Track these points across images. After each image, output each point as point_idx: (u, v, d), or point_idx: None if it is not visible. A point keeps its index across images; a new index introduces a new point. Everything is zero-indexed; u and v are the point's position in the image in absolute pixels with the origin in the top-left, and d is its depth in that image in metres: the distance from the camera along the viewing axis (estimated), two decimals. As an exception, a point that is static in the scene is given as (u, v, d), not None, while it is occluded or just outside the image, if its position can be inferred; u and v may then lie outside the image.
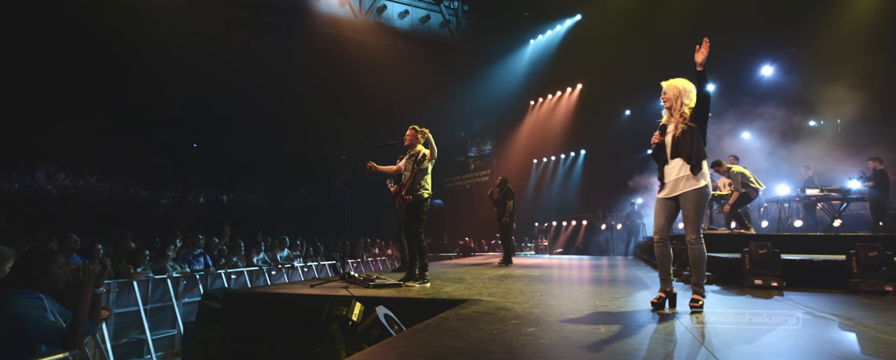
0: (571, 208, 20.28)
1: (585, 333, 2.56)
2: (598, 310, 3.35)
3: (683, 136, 3.35)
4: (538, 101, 22.29)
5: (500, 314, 3.08)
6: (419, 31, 21.01)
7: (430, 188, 5.15)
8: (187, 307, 7.08)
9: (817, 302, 3.79)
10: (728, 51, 14.62)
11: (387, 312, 3.24)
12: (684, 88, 3.43)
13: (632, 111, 18.97)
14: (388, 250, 13.25)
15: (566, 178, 20.84)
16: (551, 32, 21.39)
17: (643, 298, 3.95)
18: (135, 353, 6.34)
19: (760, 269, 4.53)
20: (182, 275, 7.16)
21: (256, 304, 4.33)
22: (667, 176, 3.47)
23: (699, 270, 3.37)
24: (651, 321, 2.92)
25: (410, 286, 4.70)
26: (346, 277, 4.97)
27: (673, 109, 3.46)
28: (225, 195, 17.54)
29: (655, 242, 3.52)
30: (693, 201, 3.31)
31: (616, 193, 18.37)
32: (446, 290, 4.39)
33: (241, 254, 8.60)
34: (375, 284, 4.61)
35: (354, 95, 17.93)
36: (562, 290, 4.56)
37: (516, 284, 5.05)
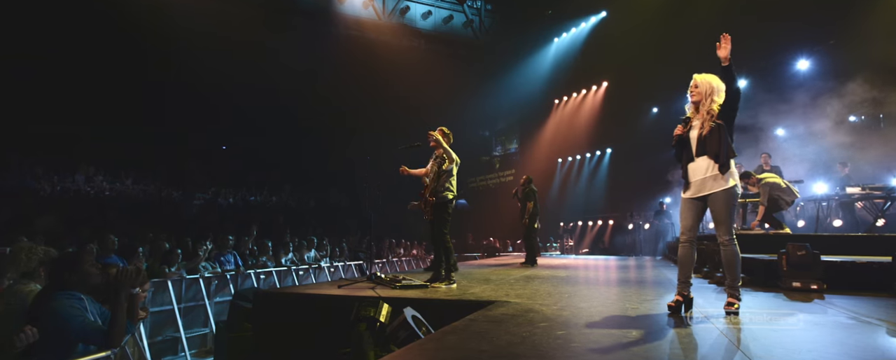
0: (597, 207, 19.98)
1: (617, 337, 2.51)
2: (627, 313, 3.29)
3: (711, 134, 3.24)
4: (563, 99, 22.04)
5: (529, 317, 3.05)
6: (442, 31, 21.06)
7: (456, 189, 5.14)
8: (219, 307, 7.25)
9: (862, 306, 3.63)
10: (761, 44, 14.19)
11: (414, 314, 3.25)
12: (718, 85, 3.34)
13: (659, 109, 18.58)
14: (412, 251, 13.31)
15: (592, 177, 20.56)
16: (575, 30, 21.14)
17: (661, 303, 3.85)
18: (170, 351, 6.53)
19: (799, 271, 4.36)
20: (214, 275, 7.34)
21: (285, 304, 4.40)
22: (692, 175, 3.36)
23: (734, 272, 3.26)
24: (683, 325, 2.85)
25: (437, 287, 4.70)
26: (373, 278, 5.01)
27: (701, 105, 3.36)
28: (253, 196, 17.91)
29: (681, 242, 3.42)
30: (723, 202, 3.21)
31: (643, 192, 18.00)
32: (473, 291, 4.38)
33: (270, 254, 8.76)
34: (402, 285, 4.63)
35: (379, 96, 18.09)
36: (589, 292, 4.49)
37: (543, 285, 5.00)
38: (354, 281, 5.04)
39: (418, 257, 13.10)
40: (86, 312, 2.68)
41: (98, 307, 2.81)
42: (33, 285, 3.07)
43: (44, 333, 2.59)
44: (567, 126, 21.40)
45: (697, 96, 3.37)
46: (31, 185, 12.23)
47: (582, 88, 21.03)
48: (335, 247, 10.40)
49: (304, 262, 9.04)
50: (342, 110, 18.00)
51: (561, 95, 22.02)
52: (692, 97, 3.42)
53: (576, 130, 20.90)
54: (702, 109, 3.34)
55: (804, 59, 13.79)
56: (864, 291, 4.33)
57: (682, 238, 3.42)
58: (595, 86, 20.59)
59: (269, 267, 8.27)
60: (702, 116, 3.33)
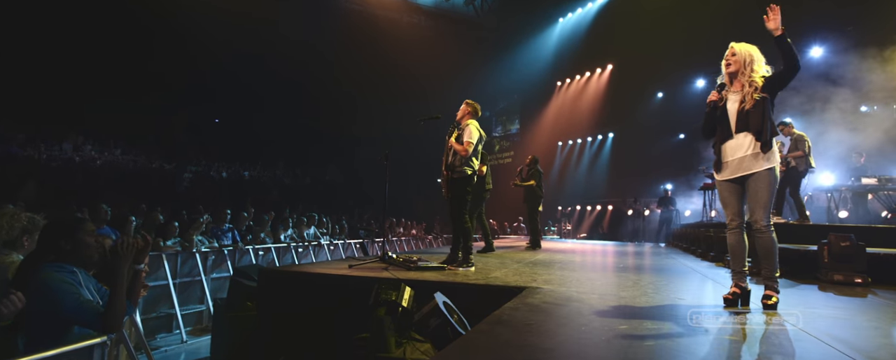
0: (597, 192, 19.81)
1: (685, 332, 2.22)
2: (678, 304, 3.01)
3: (755, 108, 2.90)
4: (566, 82, 21.64)
5: (573, 306, 2.76)
6: (443, 8, 20.51)
7: (477, 166, 4.82)
8: (216, 283, 6.94)
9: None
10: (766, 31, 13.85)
11: (445, 299, 2.95)
12: (758, 55, 3.01)
13: (664, 94, 18.29)
14: (412, 231, 13.03)
15: (593, 161, 20.32)
16: (581, 11, 20.63)
17: (714, 292, 3.59)
18: (164, 327, 6.23)
19: (842, 263, 4.12)
20: (210, 250, 7.00)
21: (293, 283, 4.09)
22: (727, 154, 3.02)
23: (771, 262, 2.95)
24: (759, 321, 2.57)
25: (454, 270, 4.41)
26: (385, 258, 4.70)
27: (741, 75, 3.00)
28: (246, 171, 17.47)
29: (730, 229, 3.10)
30: (766, 183, 2.89)
31: (645, 178, 17.83)
32: (495, 275, 4.09)
33: (268, 230, 8.42)
34: (418, 266, 4.33)
35: (379, 73, 17.59)
36: (619, 279, 4.22)
37: (565, 271, 4.73)
38: (366, 261, 4.73)
39: (418, 237, 12.83)
40: (80, 287, 2.32)
41: (94, 282, 2.46)
42: (15, 255, 2.71)
43: (30, 309, 2.24)
44: (569, 109, 21.05)
45: (736, 66, 3.01)
46: (16, 152, 11.70)
47: (586, 71, 20.63)
48: (335, 224, 10.08)
49: (303, 239, 8.72)
50: (341, 86, 17.47)
51: (564, 78, 21.61)
52: (729, 68, 3.04)
53: (578, 113, 20.57)
54: (743, 80, 2.99)
55: (818, 46, 13.46)
56: (886, 284, 4.10)
57: (730, 225, 3.10)
58: (599, 69, 20.20)
59: (268, 243, 7.94)
60: (742, 87, 2.98)
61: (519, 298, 2.99)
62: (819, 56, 13.40)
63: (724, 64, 3.07)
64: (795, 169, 6.98)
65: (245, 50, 14.95)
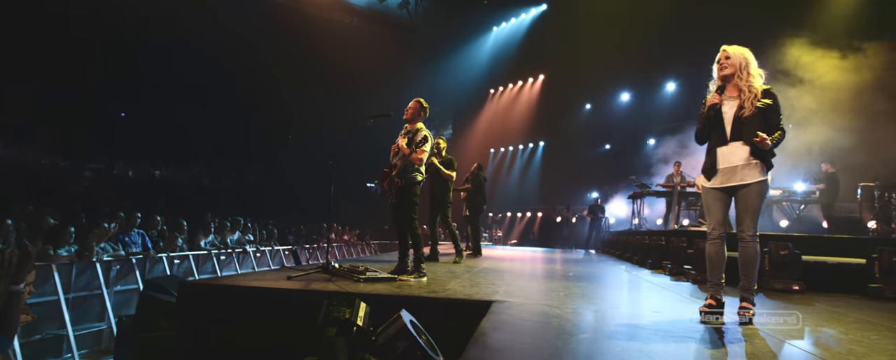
0: (528, 199, 20.22)
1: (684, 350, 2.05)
2: (658, 318, 2.86)
3: (754, 117, 2.82)
4: (499, 90, 21.98)
5: (555, 323, 2.53)
6: (377, 9, 20.04)
7: (425, 171, 4.52)
8: (120, 297, 6.03)
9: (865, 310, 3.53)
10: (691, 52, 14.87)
11: (412, 318, 2.60)
12: (752, 58, 2.93)
13: (592, 106, 19.06)
14: (344, 236, 12.40)
15: (524, 169, 20.73)
16: (515, 21, 21.07)
17: (681, 303, 3.53)
18: (51, 351, 5.27)
19: (781, 271, 4.28)
20: (115, 258, 6.08)
21: (221, 299, 3.52)
22: (721, 161, 2.92)
23: (752, 272, 2.89)
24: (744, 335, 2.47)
25: (405, 281, 4.06)
26: (328, 268, 4.23)
27: (737, 79, 2.89)
28: (158, 170, 15.86)
29: (711, 239, 3.00)
30: (758, 194, 2.84)
31: (574, 186, 18.44)
32: (451, 287, 3.79)
33: (184, 236, 7.54)
34: (367, 277, 3.92)
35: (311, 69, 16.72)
36: (579, 290, 4.08)
37: (520, 281, 4.53)
38: (305, 271, 4.23)
39: (350, 243, 12.23)
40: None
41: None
42: None
43: None
44: (502, 117, 21.38)
45: (730, 69, 2.91)
46: None
47: (519, 80, 21.08)
48: (262, 230, 9.28)
49: (227, 245, 7.89)
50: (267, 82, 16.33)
51: (497, 86, 21.95)
52: (723, 70, 2.93)
53: (510, 121, 20.94)
54: (742, 86, 2.88)
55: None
56: (839, 292, 4.33)
57: (711, 235, 3.00)
58: (532, 78, 20.70)
59: (185, 251, 7.08)
60: (740, 93, 2.89)
61: (491, 314, 2.71)
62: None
63: (718, 67, 2.96)
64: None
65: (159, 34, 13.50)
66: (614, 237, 10.76)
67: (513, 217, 20.87)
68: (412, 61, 20.72)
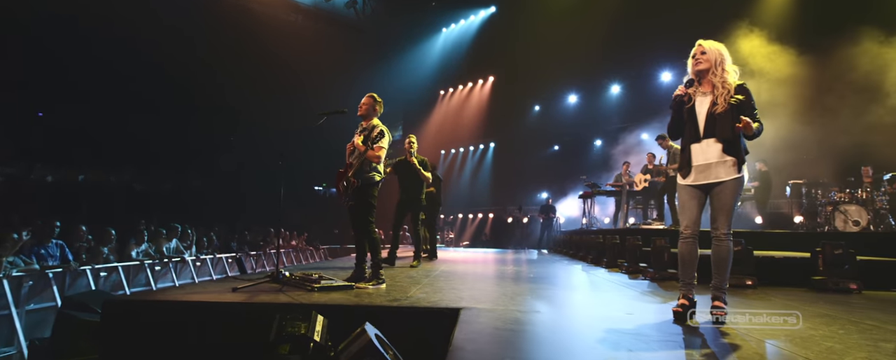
0: (480, 200, 20.26)
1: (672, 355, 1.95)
2: (635, 322, 2.73)
3: (727, 113, 2.78)
4: (449, 91, 21.93)
5: (531, 331, 2.38)
6: (323, 8, 19.50)
7: (382, 170, 4.28)
8: (33, 317, 5.35)
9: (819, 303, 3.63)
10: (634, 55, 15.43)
11: (377, 332, 2.36)
12: (727, 54, 2.89)
13: (541, 107, 19.36)
14: (291, 242, 11.83)
15: (475, 170, 20.76)
16: (465, 22, 21.11)
17: (649, 303, 3.47)
18: (-51, 382, 4.58)
19: (734, 266, 4.34)
20: (27, 272, 5.39)
21: (155, 316, 3.13)
22: (696, 158, 2.87)
23: (725, 271, 2.86)
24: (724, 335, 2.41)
25: (364, 289, 3.80)
26: (278, 277, 3.90)
27: (712, 74, 2.85)
28: (82, 175, 14.55)
29: (684, 237, 2.94)
30: (732, 192, 2.80)
31: (525, 186, 18.67)
32: (413, 294, 3.57)
33: (112, 246, 6.85)
34: (321, 286, 3.63)
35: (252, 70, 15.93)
36: (546, 292, 3.97)
37: (483, 284, 4.39)
38: (253, 281, 3.87)
39: (299, 249, 11.68)
40: None
41: None
42: None
43: None
44: (453, 118, 21.33)
45: (706, 64, 2.85)
46: None
47: (469, 81, 21.10)
48: (202, 237, 8.63)
49: (163, 254, 7.25)
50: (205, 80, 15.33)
51: (447, 87, 21.90)
52: (698, 65, 2.88)
53: (461, 122, 20.92)
54: (716, 82, 2.84)
55: (668, 71, 15.22)
56: (785, 285, 4.48)
57: (684, 233, 2.94)
58: (482, 80, 20.78)
59: (113, 262, 6.42)
60: (713, 88, 2.85)
61: (463, 324, 2.52)
62: (668, 80, 15.17)
63: (692, 62, 2.91)
64: (674, 179, 7.55)
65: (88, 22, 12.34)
66: (567, 237, 10.88)
67: (465, 219, 20.85)
68: (361, 61, 20.30)
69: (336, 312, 2.91)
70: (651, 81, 15.64)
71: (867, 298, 3.93)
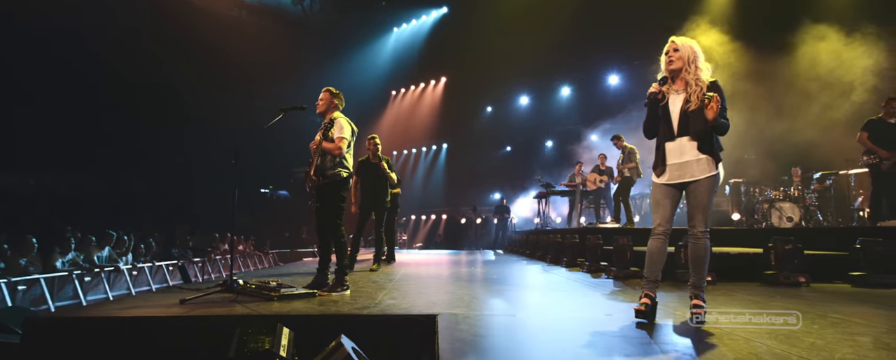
0: (432, 201, 20.15)
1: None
2: (618, 324, 2.67)
3: (701, 110, 2.74)
4: (401, 91, 21.70)
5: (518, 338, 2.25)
6: (268, 4, 18.75)
7: (351, 167, 4.06)
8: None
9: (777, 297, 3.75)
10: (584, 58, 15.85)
11: (354, 345, 2.16)
12: (700, 52, 2.87)
13: (494, 108, 19.53)
14: (239, 246, 11.20)
15: (428, 171, 20.65)
16: (416, 22, 20.95)
17: (625, 304, 3.42)
18: None
19: (695, 262, 4.47)
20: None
21: (87, 336, 2.77)
22: (670, 156, 2.85)
23: (702, 269, 2.82)
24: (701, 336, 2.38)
25: (327, 296, 3.57)
26: (232, 286, 3.58)
27: (685, 72, 2.83)
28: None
29: (656, 234, 2.89)
30: (708, 190, 2.78)
31: (478, 187, 18.75)
32: (382, 300, 3.38)
33: (33, 256, 6.16)
34: (282, 295, 3.36)
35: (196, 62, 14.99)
36: (517, 294, 3.89)
37: (451, 287, 4.24)
38: (202, 292, 3.52)
39: (246, 254, 11.08)
40: None
41: None
42: None
43: None
44: (405, 119, 21.11)
45: (679, 62, 2.81)
46: None
47: (421, 82, 20.96)
48: (139, 243, 7.96)
49: (94, 263, 6.60)
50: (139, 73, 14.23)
51: (399, 87, 21.66)
52: (671, 64, 2.85)
53: (414, 123, 20.74)
54: (686, 77, 2.83)
55: (615, 74, 15.74)
56: (739, 280, 4.62)
57: (656, 230, 2.89)
58: (434, 80, 20.70)
59: (34, 274, 5.76)
60: (687, 86, 2.83)
61: (444, 332, 2.36)
62: (616, 83, 15.69)
63: (665, 60, 2.87)
64: (629, 178, 7.76)
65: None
66: (524, 237, 10.94)
67: (417, 220, 20.67)
68: (309, 60, 19.66)
69: (301, 323, 2.67)
70: (599, 84, 16.11)
71: (816, 290, 4.11)
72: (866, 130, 6.22)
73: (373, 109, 21.58)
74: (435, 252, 12.36)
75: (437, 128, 20.22)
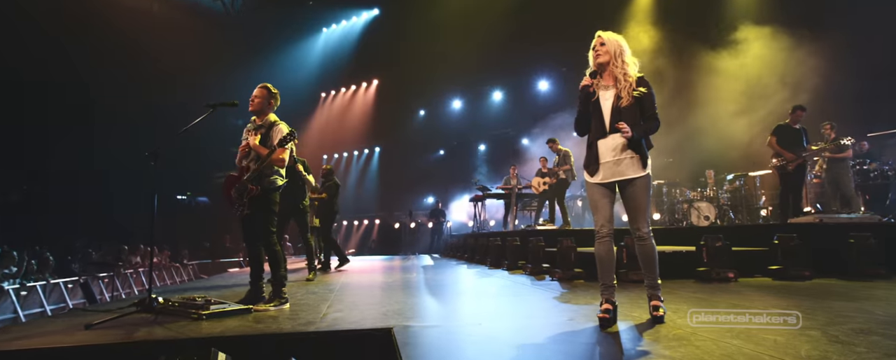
0: (365, 206, 19.68)
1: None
2: (584, 332, 2.61)
3: (632, 106, 2.68)
4: (331, 93, 21.05)
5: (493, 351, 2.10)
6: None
7: (284, 174, 3.74)
8: None
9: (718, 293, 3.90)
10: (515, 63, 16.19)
11: (307, 368, 1.90)
12: (626, 47, 2.82)
13: (426, 112, 19.46)
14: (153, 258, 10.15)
15: (361, 175, 20.17)
16: (347, 23, 20.42)
17: (580, 308, 3.38)
18: None
19: (635, 263, 4.57)
20: None
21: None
22: (603, 155, 2.76)
23: (654, 269, 2.81)
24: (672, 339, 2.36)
25: (264, 311, 3.23)
26: (151, 304, 3.13)
27: (613, 67, 2.76)
28: None
29: (599, 238, 2.80)
30: (643, 189, 2.74)
31: (411, 191, 18.55)
32: (327, 314, 3.10)
33: None
34: (212, 313, 2.98)
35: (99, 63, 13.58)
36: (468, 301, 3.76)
37: (399, 296, 4.01)
38: (116, 314, 3.04)
39: (162, 266, 10.09)
40: None
41: None
42: None
43: None
44: (336, 121, 20.50)
45: (605, 56, 2.76)
46: None
47: (353, 84, 20.46)
48: (31, 259, 6.93)
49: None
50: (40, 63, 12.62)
51: (329, 89, 21.01)
52: (599, 58, 2.79)
53: (345, 126, 20.19)
54: (614, 72, 2.75)
55: (544, 80, 16.22)
56: (674, 278, 4.79)
57: (600, 232, 2.80)
58: (365, 83, 20.29)
59: None
60: (616, 81, 2.75)
61: (406, 348, 2.16)
62: (545, 89, 16.17)
63: (593, 54, 2.81)
64: (564, 180, 7.94)
65: None
66: (461, 241, 10.90)
67: (350, 226, 20.10)
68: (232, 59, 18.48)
69: (238, 345, 2.36)
70: (530, 89, 16.52)
71: (745, 285, 4.35)
72: (775, 135, 6.81)
73: (301, 110, 20.72)
74: (368, 259, 11.98)
75: (370, 131, 19.82)
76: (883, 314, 2.64)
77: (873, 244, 4.71)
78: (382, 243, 17.80)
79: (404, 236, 16.36)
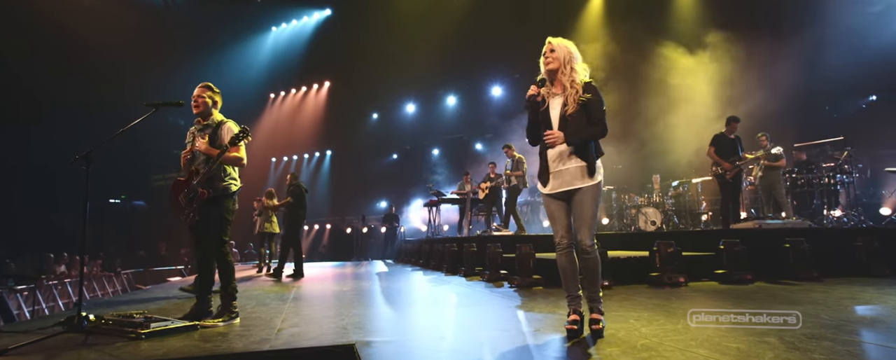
0: (315, 211, 19.11)
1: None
2: (551, 336, 2.60)
3: (578, 114, 2.65)
4: (281, 94, 20.38)
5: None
6: (123, -7, 16.48)
7: (238, 178, 3.53)
8: None
9: (673, 299, 4.00)
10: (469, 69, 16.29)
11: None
12: (576, 52, 2.80)
13: (380, 115, 19.21)
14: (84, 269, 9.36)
15: (311, 179, 19.60)
16: (297, 23, 19.87)
17: (545, 317, 3.35)
18: None
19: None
20: None
21: None
22: (553, 164, 2.73)
23: (597, 281, 2.77)
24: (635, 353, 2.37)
25: (213, 328, 3.01)
26: (80, 324, 2.83)
27: (561, 75, 2.72)
28: None
29: (560, 249, 2.78)
30: (591, 200, 2.69)
31: (363, 195, 18.21)
32: (282, 328, 2.92)
33: None
34: (152, 331, 2.73)
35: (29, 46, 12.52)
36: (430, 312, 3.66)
37: (358, 308, 3.84)
38: (39, 335, 2.72)
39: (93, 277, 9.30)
40: None
41: None
42: None
43: None
44: (286, 123, 19.85)
45: (555, 63, 2.73)
46: None
47: (303, 86, 19.91)
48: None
49: None
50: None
51: (279, 90, 20.34)
52: (548, 65, 2.75)
53: (295, 128, 19.59)
54: (565, 81, 2.72)
55: (498, 86, 16.40)
56: (627, 283, 4.90)
57: (559, 243, 2.77)
58: (317, 84, 19.79)
59: None
60: (564, 89, 2.72)
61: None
62: (498, 95, 16.34)
63: (543, 61, 2.78)
64: (516, 187, 8.01)
65: None
66: (416, 246, 10.76)
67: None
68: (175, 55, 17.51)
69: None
70: (483, 95, 16.64)
71: (695, 289, 4.49)
72: (713, 145, 7.19)
73: (249, 111, 19.93)
74: (319, 265, 11.61)
75: (321, 134, 19.33)
76: (828, 318, 2.78)
77: (806, 249, 5.02)
78: (333, 248, 17.37)
79: (357, 241, 16.01)
